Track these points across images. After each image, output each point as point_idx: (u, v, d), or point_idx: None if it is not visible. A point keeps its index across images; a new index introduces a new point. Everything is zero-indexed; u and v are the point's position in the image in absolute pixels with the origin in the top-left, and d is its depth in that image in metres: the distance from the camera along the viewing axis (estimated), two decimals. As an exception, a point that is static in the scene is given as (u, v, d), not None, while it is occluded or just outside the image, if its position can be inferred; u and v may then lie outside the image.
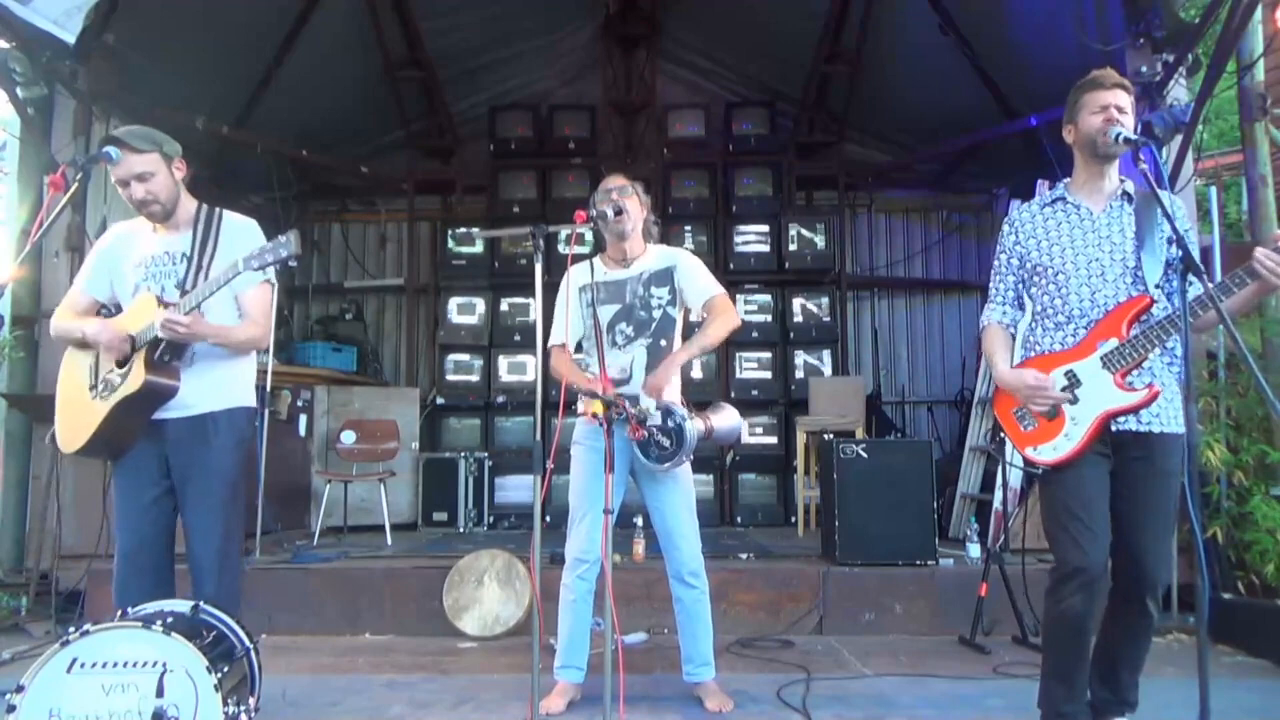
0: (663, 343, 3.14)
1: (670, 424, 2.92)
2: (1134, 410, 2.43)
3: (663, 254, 3.24)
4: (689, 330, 3.24)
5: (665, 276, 3.18)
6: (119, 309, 2.85)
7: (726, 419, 3.09)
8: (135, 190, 2.75)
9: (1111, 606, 2.51)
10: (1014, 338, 2.70)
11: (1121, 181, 2.61)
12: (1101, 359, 2.45)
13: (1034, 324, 2.65)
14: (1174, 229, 2.32)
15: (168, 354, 2.69)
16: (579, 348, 3.26)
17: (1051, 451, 2.47)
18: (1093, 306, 2.50)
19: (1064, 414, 2.47)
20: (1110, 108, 2.50)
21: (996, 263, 2.73)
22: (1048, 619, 2.53)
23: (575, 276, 3.17)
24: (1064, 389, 2.48)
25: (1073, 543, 2.41)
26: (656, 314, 3.15)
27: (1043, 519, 2.57)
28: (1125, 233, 2.52)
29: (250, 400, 2.94)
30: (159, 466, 2.78)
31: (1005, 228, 2.72)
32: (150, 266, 2.82)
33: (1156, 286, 2.47)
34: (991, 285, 2.74)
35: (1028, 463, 2.53)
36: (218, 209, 2.90)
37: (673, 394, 3.03)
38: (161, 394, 2.71)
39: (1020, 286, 2.69)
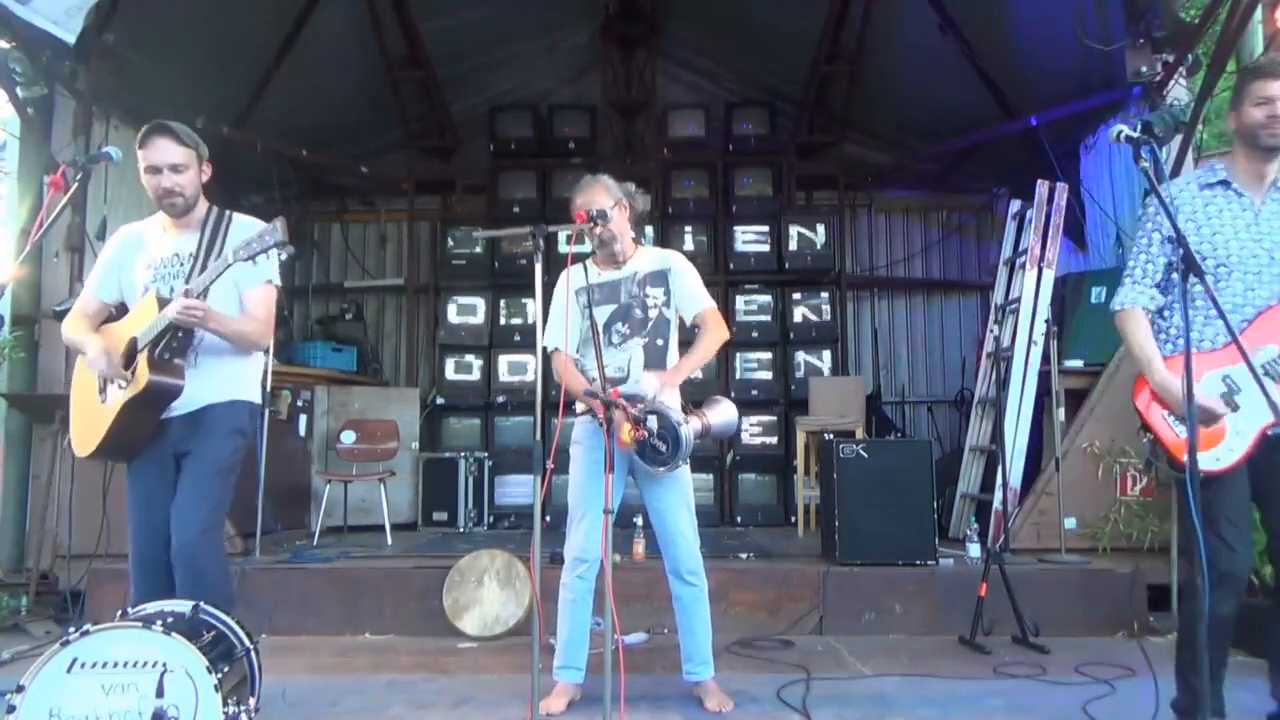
0: (659, 342, 3.15)
1: (666, 429, 2.92)
2: None
3: (656, 256, 3.25)
4: (684, 332, 3.26)
5: (660, 278, 3.19)
6: (127, 310, 2.87)
7: (722, 414, 3.10)
8: (165, 178, 2.76)
9: None
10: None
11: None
12: (1263, 366, 2.36)
13: (1172, 313, 2.52)
14: (1174, 227, 2.31)
15: (168, 352, 2.70)
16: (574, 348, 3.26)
17: (1214, 461, 2.36)
18: (1244, 304, 2.42)
19: (1225, 422, 2.37)
20: (1275, 101, 2.40)
21: (1145, 240, 2.52)
22: (1196, 624, 2.32)
23: (571, 280, 3.18)
24: (1223, 394, 2.38)
25: (1229, 550, 2.37)
26: (653, 314, 3.16)
27: (1185, 522, 2.49)
28: None
29: (252, 396, 2.95)
30: (168, 465, 2.79)
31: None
32: (159, 268, 2.85)
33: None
34: (1134, 264, 2.53)
35: (1180, 468, 2.36)
36: (228, 211, 2.92)
37: (672, 400, 3.03)
38: (166, 393, 2.72)
39: (1168, 269, 2.50)
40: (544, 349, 3.04)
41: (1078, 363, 5.12)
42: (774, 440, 6.87)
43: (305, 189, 7.61)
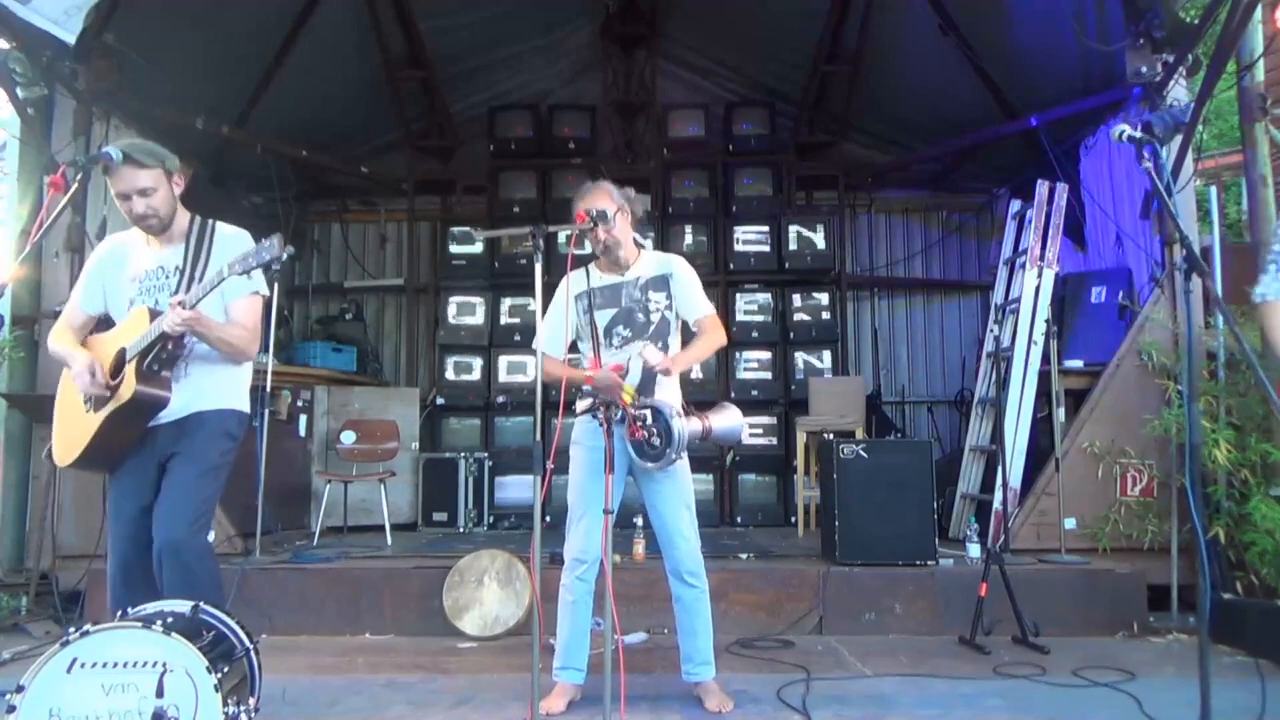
0: (660, 345, 3.14)
1: (659, 423, 2.92)
2: None
3: (658, 260, 3.26)
4: (686, 334, 3.25)
5: (662, 283, 3.19)
6: (113, 322, 2.87)
7: (726, 419, 3.08)
8: (136, 204, 2.76)
9: None
10: None
11: None
12: None
13: None
14: (1178, 229, 2.30)
15: (157, 364, 2.69)
16: (573, 348, 3.26)
17: None
18: None
19: None
20: None
21: None
22: None
23: (572, 284, 3.17)
24: None
25: None
26: (655, 317, 3.16)
27: None
28: None
29: (241, 405, 2.95)
30: (152, 475, 2.79)
31: None
32: (144, 281, 2.84)
33: None
34: (1278, 249, 2.27)
35: None
36: (210, 221, 2.92)
37: (669, 396, 3.03)
38: (152, 404, 2.72)
39: None
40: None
41: (1078, 363, 5.13)
42: (774, 440, 6.87)
43: (305, 189, 7.59)
